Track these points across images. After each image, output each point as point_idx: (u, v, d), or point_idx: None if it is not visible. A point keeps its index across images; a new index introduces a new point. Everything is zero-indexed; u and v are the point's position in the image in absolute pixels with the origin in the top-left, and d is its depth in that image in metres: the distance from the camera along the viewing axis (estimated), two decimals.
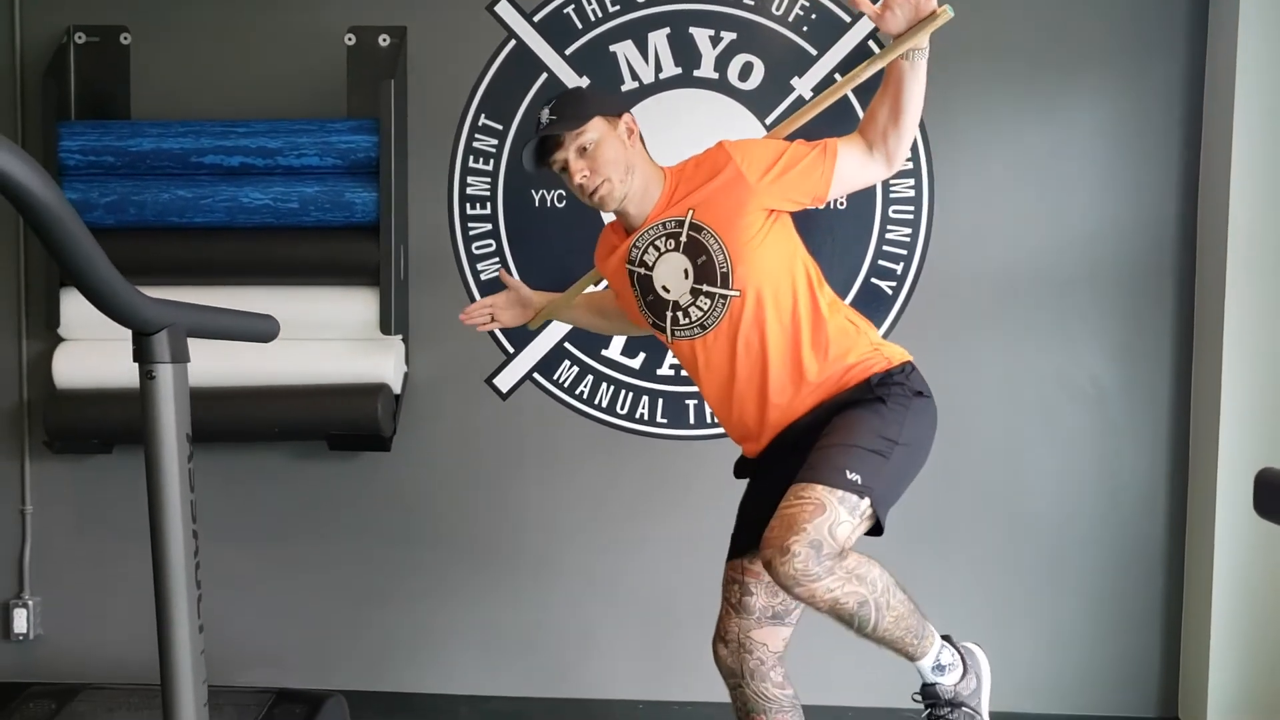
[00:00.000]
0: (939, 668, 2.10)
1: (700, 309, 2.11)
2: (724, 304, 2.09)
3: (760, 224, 2.07)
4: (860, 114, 2.99)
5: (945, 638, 2.15)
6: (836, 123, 2.98)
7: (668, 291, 2.13)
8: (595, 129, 2.11)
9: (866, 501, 1.95)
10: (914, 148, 2.98)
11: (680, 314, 2.14)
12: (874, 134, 2.05)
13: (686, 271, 2.10)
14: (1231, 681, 2.86)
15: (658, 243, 2.13)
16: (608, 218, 2.29)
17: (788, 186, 2.06)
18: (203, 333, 1.45)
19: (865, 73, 2.05)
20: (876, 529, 2.03)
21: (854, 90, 2.96)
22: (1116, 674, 3.06)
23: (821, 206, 2.11)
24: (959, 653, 2.16)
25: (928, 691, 2.14)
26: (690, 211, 2.10)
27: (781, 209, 2.10)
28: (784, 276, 2.09)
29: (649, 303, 2.17)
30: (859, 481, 1.94)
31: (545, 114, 2.15)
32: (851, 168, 2.06)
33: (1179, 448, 3.02)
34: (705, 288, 2.10)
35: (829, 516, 1.90)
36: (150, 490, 1.32)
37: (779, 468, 2.14)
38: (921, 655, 2.07)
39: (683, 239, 2.11)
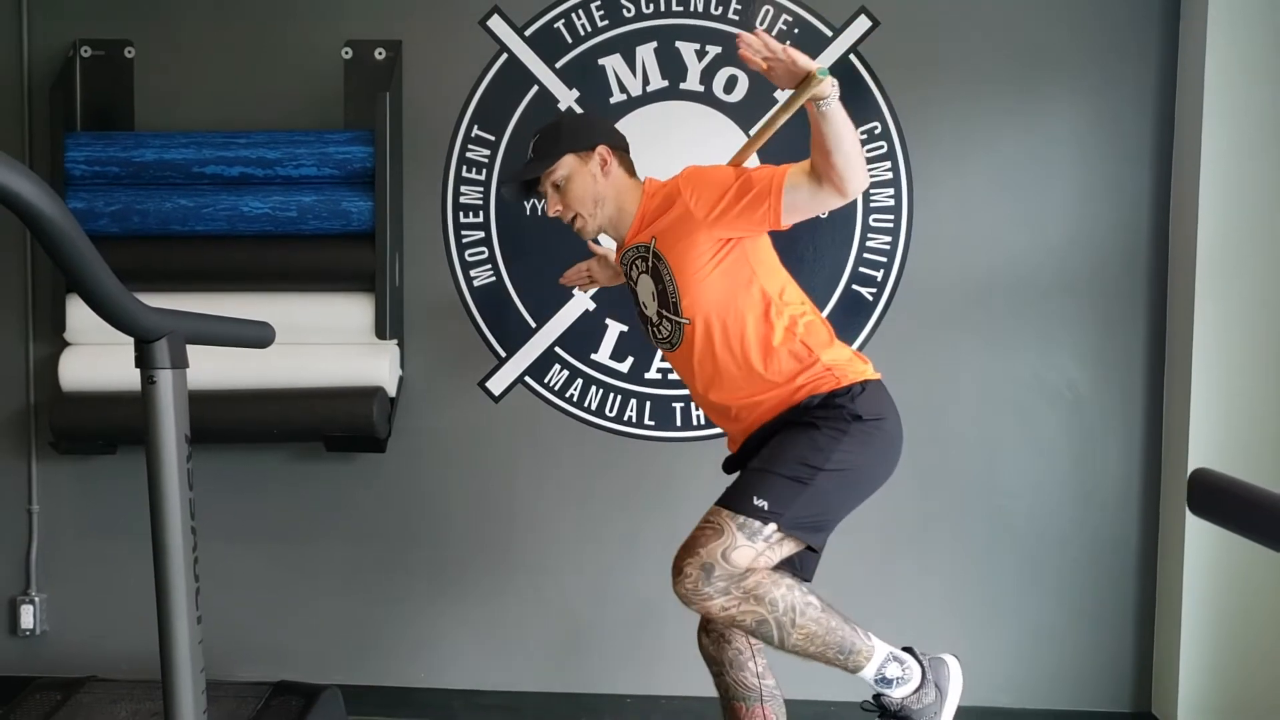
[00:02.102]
0: (883, 680, 2.17)
1: (666, 328, 2.27)
2: (680, 328, 2.23)
3: (711, 255, 2.15)
4: None
5: (908, 649, 2.22)
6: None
7: (646, 308, 2.30)
8: (565, 166, 2.26)
9: (772, 527, 2.06)
10: (892, 157, 3.07)
11: (655, 329, 2.30)
12: (818, 169, 2.07)
13: (653, 294, 2.26)
14: (1201, 677, 2.93)
15: (636, 263, 2.28)
16: None
17: (735, 221, 2.13)
18: (201, 340, 1.52)
19: (778, 120, 2.08)
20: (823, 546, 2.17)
21: None
22: (1091, 670, 3.13)
23: (783, 230, 2.15)
24: (921, 665, 2.20)
25: (877, 700, 2.22)
26: (654, 240, 2.22)
27: (739, 237, 2.17)
28: (733, 305, 2.17)
29: (638, 312, 2.33)
30: (765, 508, 2.06)
31: (530, 147, 2.31)
32: (801, 198, 2.08)
33: (1152, 450, 3.09)
34: (664, 312, 2.25)
35: (724, 541, 2.04)
36: (151, 489, 1.39)
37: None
38: (855, 669, 2.15)
39: (649, 264, 2.24)
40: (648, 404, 3.17)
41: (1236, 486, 1.30)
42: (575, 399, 3.18)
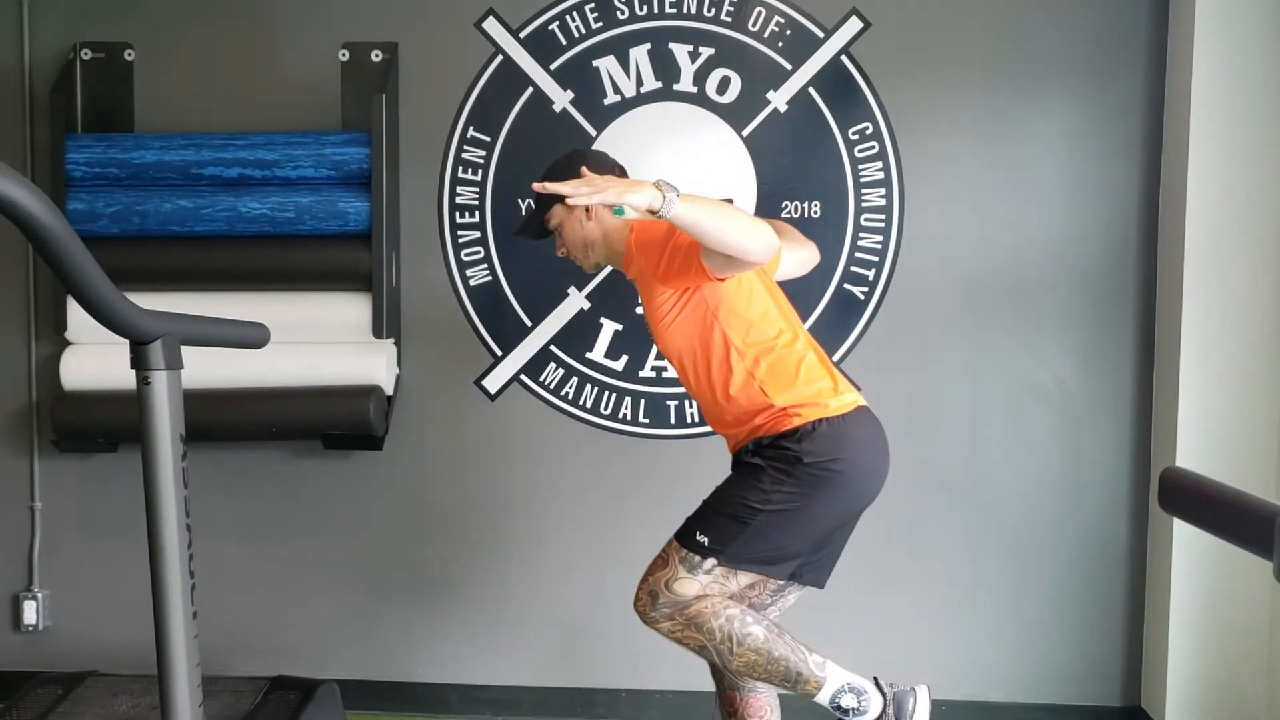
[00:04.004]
0: (838, 709, 2.22)
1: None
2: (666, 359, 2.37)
3: (673, 304, 2.26)
4: (832, 123, 3.10)
5: (875, 680, 2.25)
6: (820, 140, 3.10)
7: None
8: (555, 215, 2.40)
9: (712, 562, 2.19)
10: (884, 157, 3.09)
11: None
12: None
13: None
14: (1190, 670, 2.96)
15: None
16: None
17: (680, 278, 2.20)
18: (195, 341, 1.55)
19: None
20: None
21: (824, 100, 3.09)
22: (1082, 665, 3.16)
23: (723, 282, 2.19)
24: (884, 698, 2.23)
25: None
26: (635, 282, 2.37)
27: (696, 285, 2.23)
28: (700, 347, 2.27)
29: None
30: (706, 544, 2.18)
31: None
32: (719, 261, 2.09)
33: (1141, 447, 3.12)
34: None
35: (667, 573, 2.22)
36: (147, 487, 1.42)
37: None
38: (805, 696, 2.22)
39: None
40: (642, 402, 3.20)
41: (1204, 484, 1.32)
42: (570, 397, 3.21)
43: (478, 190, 3.18)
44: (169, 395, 1.42)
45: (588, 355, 3.20)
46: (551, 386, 3.21)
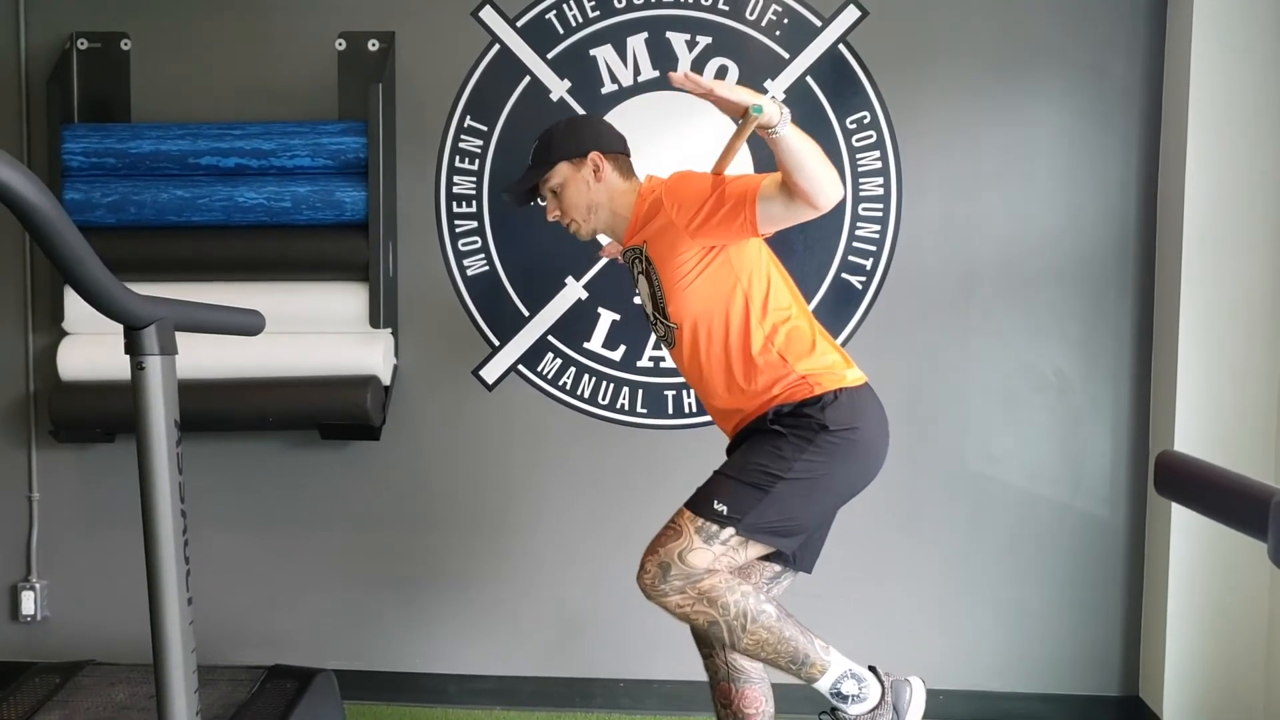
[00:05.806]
0: (839, 695, 2.21)
1: (661, 329, 2.35)
2: (671, 331, 2.30)
3: (695, 263, 2.21)
4: (830, 113, 3.09)
5: (872, 669, 2.25)
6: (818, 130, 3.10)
7: (645, 306, 2.38)
8: (559, 174, 2.33)
9: (729, 531, 2.14)
10: (881, 146, 3.09)
11: (654, 327, 2.38)
12: (787, 185, 2.08)
13: (649, 296, 2.33)
14: (1187, 660, 2.96)
15: (634, 263, 2.34)
16: None
17: (715, 231, 2.17)
18: (190, 327, 1.54)
19: (735, 147, 2.10)
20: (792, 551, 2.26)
21: (821, 89, 3.08)
22: (1080, 654, 3.16)
23: (765, 237, 2.21)
24: (882, 686, 2.23)
25: (833, 713, 2.26)
26: (645, 244, 2.29)
27: (722, 244, 2.21)
28: (718, 311, 2.23)
29: (644, 308, 2.41)
30: (724, 512, 2.13)
31: (530, 153, 2.39)
32: (776, 210, 2.10)
33: (1139, 435, 3.12)
34: (657, 314, 2.32)
35: (681, 543, 2.14)
36: (142, 473, 1.41)
37: None
38: (809, 680, 2.21)
39: (643, 267, 2.31)
40: (640, 392, 3.20)
41: (1199, 467, 1.32)
42: (568, 387, 3.21)
43: (475, 180, 3.18)
44: (163, 380, 1.41)
45: (585, 345, 3.19)
46: (549, 376, 3.21)
